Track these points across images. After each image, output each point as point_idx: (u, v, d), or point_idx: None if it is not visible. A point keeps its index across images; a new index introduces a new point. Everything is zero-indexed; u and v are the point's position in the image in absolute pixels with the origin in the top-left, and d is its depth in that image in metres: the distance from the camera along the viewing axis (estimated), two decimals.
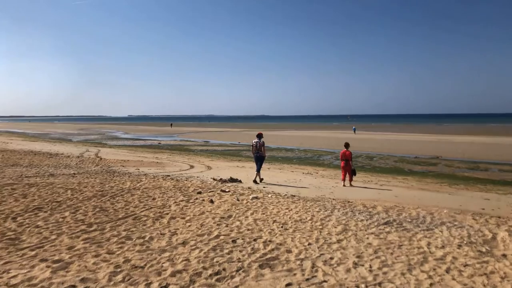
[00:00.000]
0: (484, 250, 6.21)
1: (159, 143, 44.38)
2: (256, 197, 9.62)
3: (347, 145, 14.34)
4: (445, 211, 8.79)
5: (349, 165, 13.84)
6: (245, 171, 18.04)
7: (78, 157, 21.27)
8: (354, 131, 62.60)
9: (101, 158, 20.73)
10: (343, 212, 8.41)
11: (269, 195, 10.30)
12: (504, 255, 6.11)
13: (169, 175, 14.62)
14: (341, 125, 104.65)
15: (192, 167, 19.24)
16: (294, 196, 10.74)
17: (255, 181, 13.68)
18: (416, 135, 54.22)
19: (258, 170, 13.90)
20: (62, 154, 22.54)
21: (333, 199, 10.54)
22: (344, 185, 13.74)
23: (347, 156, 13.93)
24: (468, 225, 7.55)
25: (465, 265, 5.45)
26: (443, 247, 6.23)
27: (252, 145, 14.16)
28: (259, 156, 13.96)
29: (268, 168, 18.94)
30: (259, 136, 14.26)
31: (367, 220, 7.77)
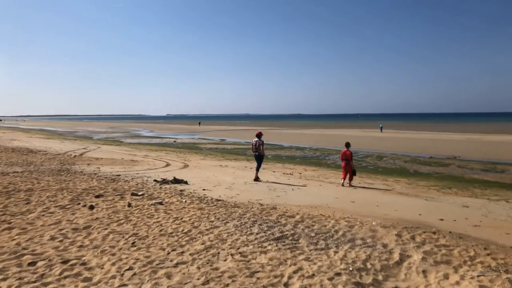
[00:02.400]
0: (369, 281, 4.61)
1: (174, 141, 43.90)
2: (160, 203, 8.29)
3: (347, 145, 13.95)
4: (373, 223, 7.07)
5: (349, 165, 13.41)
6: (220, 171, 16.77)
7: (58, 154, 20.77)
8: (381, 130, 59.99)
9: (75, 156, 20.09)
10: (242, 223, 6.92)
11: (184, 200, 8.90)
12: None
13: (119, 175, 13.59)
14: (367, 124, 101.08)
15: (168, 165, 18.22)
16: (220, 200, 9.28)
17: (256, 179, 13.71)
18: (443, 134, 50.94)
19: (257, 170, 13.98)
20: (44, 151, 22.17)
21: (262, 204, 8.99)
22: (343, 185, 13.24)
23: (347, 156, 13.52)
24: (381, 244, 5.87)
25: None
26: (312, 276, 4.68)
27: (252, 144, 14.29)
28: (258, 155, 14.06)
29: (251, 168, 17.57)
30: (259, 135, 14.28)
31: (258, 233, 6.27)
